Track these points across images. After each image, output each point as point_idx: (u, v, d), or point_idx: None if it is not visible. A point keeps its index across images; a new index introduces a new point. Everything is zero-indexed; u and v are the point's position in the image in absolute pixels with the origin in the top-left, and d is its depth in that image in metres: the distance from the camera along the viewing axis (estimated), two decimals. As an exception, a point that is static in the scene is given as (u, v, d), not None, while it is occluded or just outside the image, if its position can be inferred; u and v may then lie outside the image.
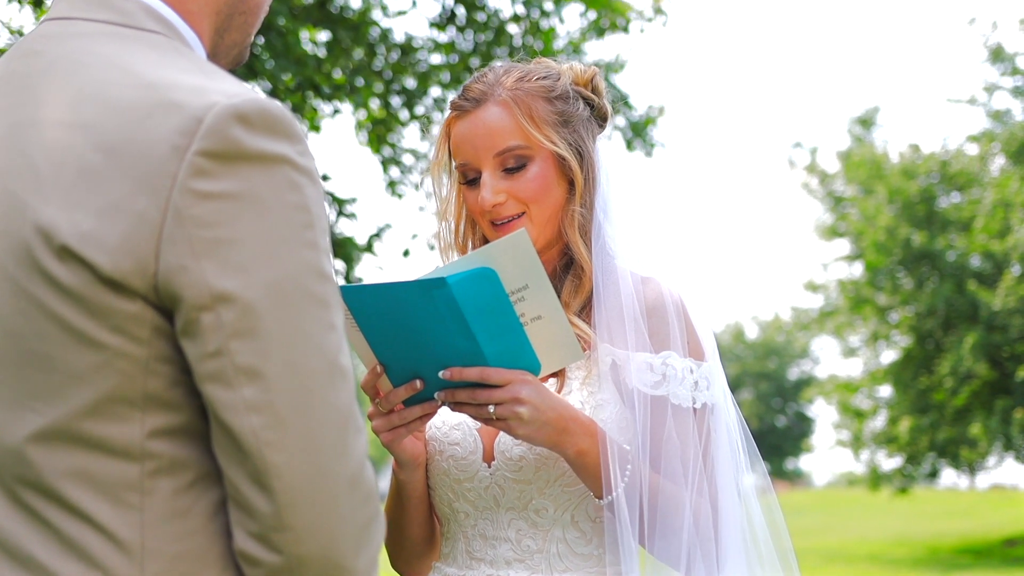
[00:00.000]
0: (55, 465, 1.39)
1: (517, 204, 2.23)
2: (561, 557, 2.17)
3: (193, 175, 1.34)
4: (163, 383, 1.39)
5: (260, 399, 1.35)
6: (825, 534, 32.39)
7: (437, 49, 8.93)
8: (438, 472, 2.25)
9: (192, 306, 1.34)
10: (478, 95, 2.26)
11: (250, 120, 1.37)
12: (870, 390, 28.31)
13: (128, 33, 1.49)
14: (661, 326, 2.20)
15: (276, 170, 1.38)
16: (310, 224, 1.40)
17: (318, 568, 1.38)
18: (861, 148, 28.34)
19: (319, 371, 1.37)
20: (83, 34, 1.49)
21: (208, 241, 1.34)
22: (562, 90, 2.29)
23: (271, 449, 1.35)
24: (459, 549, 2.25)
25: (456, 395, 2.04)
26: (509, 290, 2.01)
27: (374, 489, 1.43)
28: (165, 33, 1.52)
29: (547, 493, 2.17)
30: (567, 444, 2.08)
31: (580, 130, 2.30)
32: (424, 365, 2.03)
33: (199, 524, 1.41)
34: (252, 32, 1.69)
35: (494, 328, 1.96)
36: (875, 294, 26.56)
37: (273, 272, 1.36)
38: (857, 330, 27.96)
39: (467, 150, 2.25)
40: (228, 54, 1.67)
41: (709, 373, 2.23)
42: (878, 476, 28.19)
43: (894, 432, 26.91)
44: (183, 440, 1.41)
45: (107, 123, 1.38)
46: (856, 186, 27.69)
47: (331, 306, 1.41)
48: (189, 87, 1.39)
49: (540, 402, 2.04)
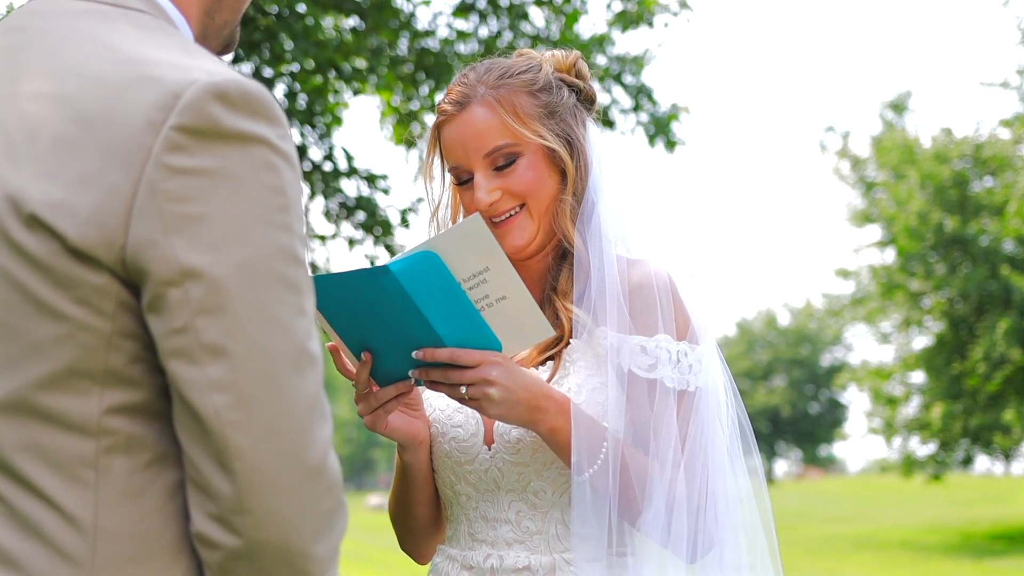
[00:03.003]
0: (10, 438, 1.37)
1: (513, 199, 2.25)
2: (560, 538, 2.20)
3: (168, 149, 1.33)
4: (125, 359, 1.37)
5: (225, 378, 1.33)
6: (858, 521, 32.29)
7: (460, 38, 8.94)
8: (440, 455, 2.28)
9: (159, 281, 1.33)
10: (461, 97, 2.28)
11: (230, 99, 1.36)
12: (902, 376, 28.16)
13: (113, 12, 1.48)
14: (646, 308, 2.22)
15: (254, 150, 1.36)
16: (285, 207, 1.38)
17: (276, 554, 1.36)
18: (893, 133, 28.17)
19: (286, 354, 1.35)
20: (68, 11, 1.49)
21: (179, 216, 1.33)
22: (544, 81, 2.31)
23: (234, 429, 1.33)
24: (462, 531, 2.28)
25: (430, 374, 2.07)
26: (470, 273, 2.04)
27: (337, 478, 1.41)
28: (151, 12, 1.51)
29: (545, 475, 2.20)
30: (540, 422, 2.11)
31: (567, 118, 2.31)
32: (390, 348, 2.07)
33: (154, 505, 1.38)
34: (241, 11, 1.68)
35: (446, 310, 2.00)
36: (907, 280, 26.42)
37: (244, 251, 1.34)
38: (889, 316, 27.82)
39: (457, 153, 2.27)
40: (219, 35, 1.66)
41: (702, 356, 2.24)
42: (911, 463, 28.06)
43: (927, 418, 26.78)
44: (142, 418, 1.39)
45: (85, 96, 1.38)
46: (888, 171, 27.53)
47: (302, 291, 1.39)
48: (169, 63, 1.39)
49: (510, 382, 2.07)
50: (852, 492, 49.34)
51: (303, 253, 1.41)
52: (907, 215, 25.69)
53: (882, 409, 28.51)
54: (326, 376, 1.47)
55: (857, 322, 29.98)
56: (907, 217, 25.66)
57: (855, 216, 28.27)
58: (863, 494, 46.95)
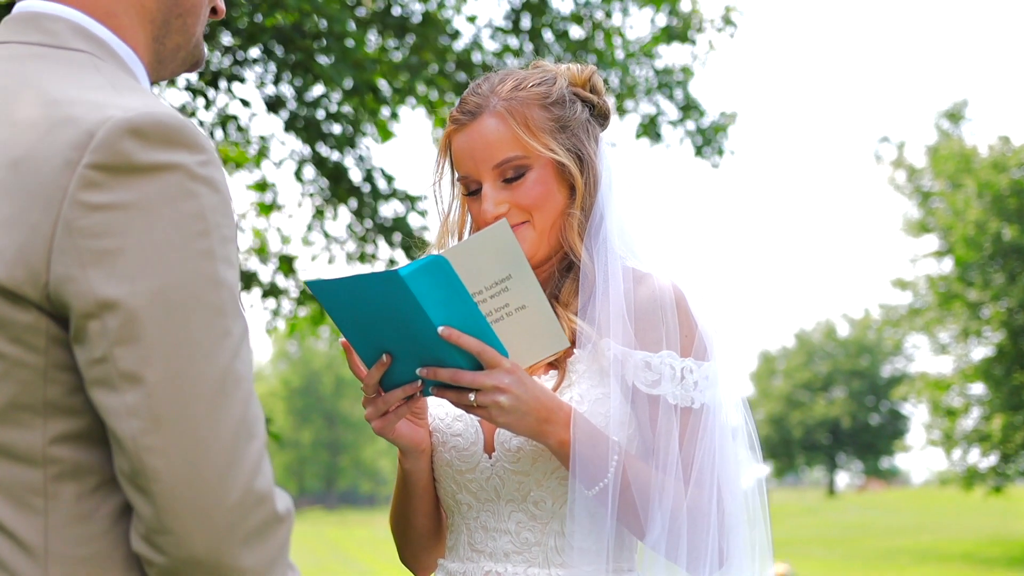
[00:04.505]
0: None
1: (520, 213, 2.24)
2: (558, 551, 2.18)
3: (82, 187, 1.38)
4: (62, 390, 1.43)
5: (140, 404, 1.37)
6: (919, 533, 31.92)
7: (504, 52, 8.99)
8: (441, 463, 2.28)
9: (80, 314, 1.38)
10: (473, 107, 2.27)
11: (143, 133, 1.40)
12: (961, 387, 27.81)
13: (52, 53, 1.54)
14: (651, 323, 2.20)
15: (168, 179, 1.40)
16: (205, 232, 1.41)
17: (204, 570, 1.39)
18: (949, 142, 27.87)
19: (206, 378, 1.39)
20: (11, 57, 1.55)
21: (95, 251, 1.37)
22: (558, 95, 2.30)
23: (149, 454, 1.37)
24: (462, 541, 2.27)
25: (439, 373, 2.05)
26: (492, 281, 2.06)
27: (268, 493, 1.43)
28: (91, 51, 1.56)
29: (545, 486, 2.19)
30: (549, 434, 2.10)
31: (579, 133, 2.30)
32: (398, 353, 2.06)
33: (103, 528, 1.44)
34: (195, 32, 1.71)
35: (453, 316, 1.99)
36: (965, 290, 26.13)
37: (160, 280, 1.38)
38: (947, 326, 27.51)
39: (467, 163, 2.27)
40: (175, 58, 1.70)
41: (710, 373, 2.21)
42: (972, 475, 27.68)
43: (987, 430, 26.43)
44: (85, 445, 1.44)
45: (13, 141, 1.43)
46: (944, 180, 27.24)
47: (226, 314, 1.42)
48: (89, 103, 1.43)
49: (522, 391, 2.06)
50: (913, 504, 48.71)
51: (228, 275, 1.44)
52: (964, 224, 25.42)
53: (941, 421, 28.18)
54: (345, 375, 1.47)
55: (915, 333, 29.68)
56: (965, 227, 25.39)
57: (911, 226, 27.99)
58: (924, 506, 46.33)
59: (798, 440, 63.10)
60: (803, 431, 62.91)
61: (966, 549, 26.32)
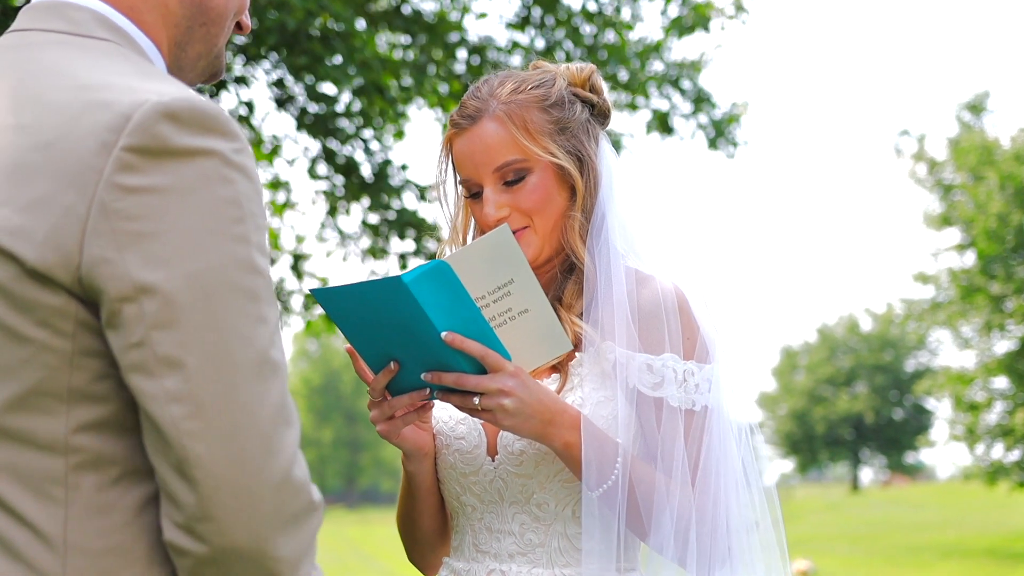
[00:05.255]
0: None
1: (521, 217, 2.25)
2: (562, 552, 2.20)
3: (119, 170, 1.37)
4: (88, 377, 1.42)
5: (181, 389, 1.36)
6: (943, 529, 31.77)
7: (515, 48, 8.96)
8: (445, 466, 2.29)
9: (115, 298, 1.37)
10: (473, 111, 2.28)
11: (179, 117, 1.40)
12: (984, 382, 27.67)
13: (76, 41, 1.54)
14: (653, 326, 2.21)
15: (205, 164, 1.40)
16: (240, 218, 1.41)
17: (243, 558, 1.39)
18: (971, 134, 27.73)
19: (244, 363, 1.39)
20: (35, 44, 1.55)
21: (131, 234, 1.37)
22: (557, 96, 2.30)
23: (191, 439, 1.36)
24: (467, 542, 2.30)
25: (443, 378, 2.06)
26: (495, 285, 2.07)
27: (305, 481, 1.44)
28: (115, 40, 1.56)
29: (548, 488, 2.20)
30: (553, 436, 2.11)
31: (579, 134, 2.31)
32: (403, 358, 2.07)
33: (124, 520, 1.43)
34: (218, 43, 1.72)
35: (456, 321, 2.00)
36: (988, 283, 26.00)
37: (196, 264, 1.38)
38: (970, 320, 27.37)
39: (468, 166, 2.28)
40: (195, 67, 1.71)
41: (711, 376, 2.22)
42: (996, 469, 27.55)
43: (1011, 424, 26.29)
44: (109, 434, 1.43)
45: (42, 124, 1.43)
46: (966, 173, 27.11)
47: (261, 300, 1.42)
48: (122, 87, 1.43)
49: (526, 394, 2.07)
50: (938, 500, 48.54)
51: (262, 262, 1.45)
52: (987, 217, 25.30)
53: (964, 416, 28.05)
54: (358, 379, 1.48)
55: (937, 327, 29.54)
56: (987, 219, 25.27)
57: (933, 220, 27.87)
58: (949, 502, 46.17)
59: (821, 436, 62.98)
60: (826, 426, 62.79)
61: (991, 544, 26.17)
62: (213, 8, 1.68)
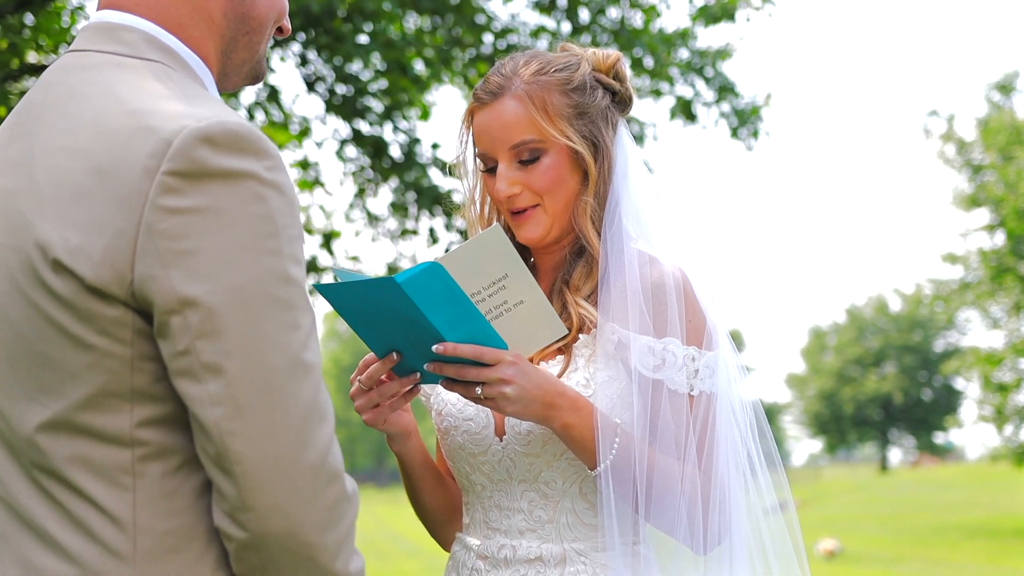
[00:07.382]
0: (60, 452, 1.58)
1: (532, 196, 2.31)
2: (571, 527, 2.26)
3: (162, 193, 1.51)
4: (148, 378, 1.57)
5: (222, 393, 1.51)
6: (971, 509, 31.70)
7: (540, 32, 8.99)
8: (455, 447, 2.35)
9: (162, 310, 1.51)
10: (495, 87, 2.33)
11: (215, 141, 1.53)
12: (1013, 362, 27.53)
13: (129, 63, 1.68)
14: (658, 310, 2.24)
15: (240, 184, 1.53)
16: (274, 233, 1.55)
17: (283, 544, 1.54)
18: (1001, 114, 27.53)
19: (279, 367, 1.52)
20: (91, 65, 1.69)
21: (175, 252, 1.50)
22: (580, 81, 2.34)
23: (231, 438, 1.51)
24: (478, 519, 2.35)
25: (444, 369, 2.11)
26: (490, 281, 2.13)
27: (339, 471, 1.57)
28: (164, 62, 1.70)
29: (555, 466, 2.26)
30: (554, 418, 2.16)
31: (597, 120, 2.35)
32: (406, 350, 2.15)
33: (186, 503, 1.58)
34: (260, 49, 1.85)
35: (453, 318, 2.07)
36: (1017, 263, 25.84)
37: (235, 278, 1.51)
38: (999, 300, 27.23)
39: (485, 141, 2.34)
40: (239, 72, 1.84)
41: (712, 362, 2.26)
42: (1024, 450, 27.46)
43: (1040, 405, 26.16)
44: (169, 429, 1.58)
45: (97, 148, 1.57)
46: (995, 153, 26.92)
47: (295, 307, 1.56)
48: (165, 113, 1.56)
49: (525, 381, 2.12)
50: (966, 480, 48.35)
51: (295, 271, 1.58)
52: (1016, 197, 25.12)
53: (993, 396, 27.93)
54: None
55: (966, 307, 29.39)
56: (1016, 199, 25.09)
57: (962, 200, 27.69)
58: (977, 482, 45.98)
59: (850, 416, 62.82)
60: (855, 407, 62.62)
61: (1018, 525, 26.10)
62: (255, 18, 1.81)
